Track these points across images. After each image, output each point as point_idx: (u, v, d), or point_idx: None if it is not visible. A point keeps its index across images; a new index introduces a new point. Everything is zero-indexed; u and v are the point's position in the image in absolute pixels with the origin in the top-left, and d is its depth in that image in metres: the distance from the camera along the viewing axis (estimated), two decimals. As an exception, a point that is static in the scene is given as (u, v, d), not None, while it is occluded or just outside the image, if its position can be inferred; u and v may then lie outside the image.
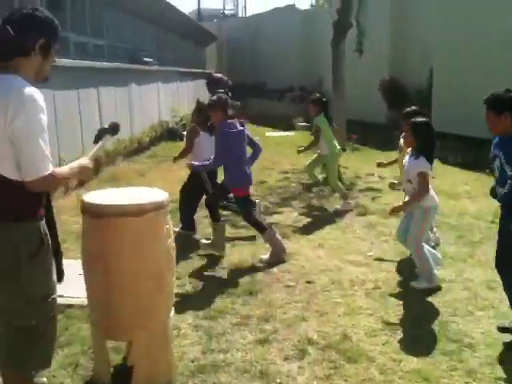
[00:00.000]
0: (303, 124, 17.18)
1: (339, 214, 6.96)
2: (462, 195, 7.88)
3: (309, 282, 4.71)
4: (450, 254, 5.36)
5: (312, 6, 20.08)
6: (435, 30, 13.26)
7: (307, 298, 4.38)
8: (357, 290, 4.55)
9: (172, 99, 16.36)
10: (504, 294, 3.77)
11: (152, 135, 12.72)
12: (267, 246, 5.33)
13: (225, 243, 5.45)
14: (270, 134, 15.46)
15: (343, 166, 10.25)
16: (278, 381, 3.20)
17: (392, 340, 3.70)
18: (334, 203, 7.52)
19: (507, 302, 3.73)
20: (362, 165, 10.32)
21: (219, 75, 25.64)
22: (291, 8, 26.78)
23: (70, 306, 3.97)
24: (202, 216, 6.30)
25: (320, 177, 8.18)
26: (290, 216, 6.97)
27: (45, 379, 3.01)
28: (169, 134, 14.11)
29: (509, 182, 3.42)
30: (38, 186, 2.31)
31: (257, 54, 26.88)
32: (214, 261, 5.21)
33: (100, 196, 3.12)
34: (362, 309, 4.19)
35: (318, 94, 7.65)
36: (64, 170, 2.49)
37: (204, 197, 5.78)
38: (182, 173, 9.42)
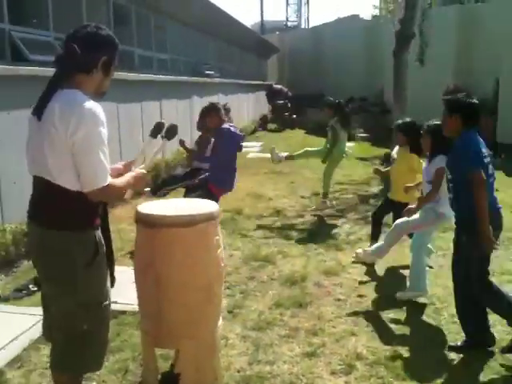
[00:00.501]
0: (364, 135, 16.96)
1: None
2: (527, 210, 7.53)
3: (361, 296, 4.65)
4: (511, 270, 5.15)
5: (373, 16, 19.84)
6: (502, 39, 12.83)
7: (358, 313, 4.32)
8: (410, 306, 4.45)
9: (232, 110, 16.59)
10: None
11: (212, 146, 12.96)
12: (320, 258, 5.30)
13: None
14: (329, 145, 15.33)
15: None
16: (324, 395, 3.19)
17: (445, 358, 3.60)
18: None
19: None
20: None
21: (279, 87, 26.01)
22: (355, 18, 26.56)
23: (123, 312, 4.10)
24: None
25: (377, 189, 8.07)
26: (345, 228, 6.91)
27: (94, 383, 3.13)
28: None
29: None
30: (96, 197, 2.41)
31: (318, 64, 26.80)
32: (265, 271, 5.24)
33: (153, 206, 3.22)
34: (415, 326, 4.09)
35: (331, 98, 8.17)
36: (120, 181, 2.56)
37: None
38: (237, 184, 9.57)
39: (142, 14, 10.99)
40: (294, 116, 21.59)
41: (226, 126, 5.60)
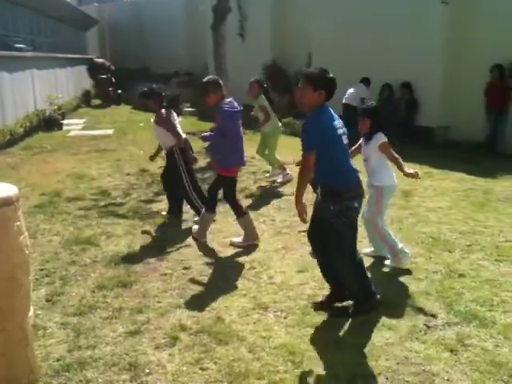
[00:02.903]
0: (190, 109, 17.05)
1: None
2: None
3: (186, 269, 4.71)
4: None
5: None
6: (311, 12, 13.64)
7: (183, 285, 4.37)
8: (233, 271, 4.62)
9: (49, 87, 15.51)
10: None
11: (26, 125, 11.98)
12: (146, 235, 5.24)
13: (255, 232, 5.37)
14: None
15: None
16: (147, 371, 3.17)
17: (263, 318, 3.80)
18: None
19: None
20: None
21: (101, 60, 24.79)
22: (176, -10, 26.22)
23: None
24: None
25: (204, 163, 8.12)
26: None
27: None
28: (46, 123, 13.40)
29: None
30: None
31: (141, 38, 26.16)
32: (87, 254, 5.03)
33: None
34: (237, 290, 4.26)
35: (257, 77, 7.98)
36: None
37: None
38: (57, 165, 9.03)
39: None
40: (119, 91, 20.83)
41: (223, 104, 5.05)
